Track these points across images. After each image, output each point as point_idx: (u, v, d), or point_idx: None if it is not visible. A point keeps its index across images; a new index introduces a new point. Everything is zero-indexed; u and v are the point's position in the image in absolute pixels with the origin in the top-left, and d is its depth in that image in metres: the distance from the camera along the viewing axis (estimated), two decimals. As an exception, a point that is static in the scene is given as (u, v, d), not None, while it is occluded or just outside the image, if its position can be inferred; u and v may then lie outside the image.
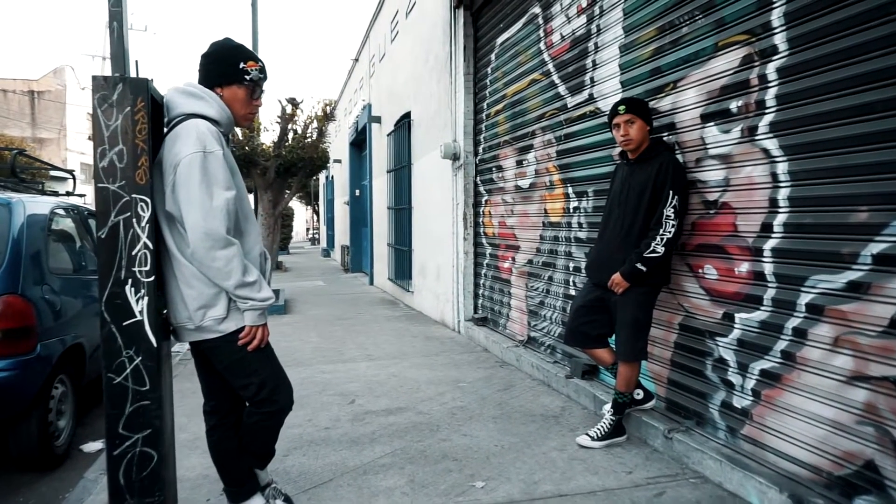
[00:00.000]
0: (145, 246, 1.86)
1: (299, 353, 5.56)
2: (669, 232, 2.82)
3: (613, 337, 3.15)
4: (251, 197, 12.43)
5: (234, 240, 1.95)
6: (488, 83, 5.73)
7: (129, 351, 1.86)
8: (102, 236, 1.84)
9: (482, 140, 5.98)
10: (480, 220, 6.11)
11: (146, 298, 1.87)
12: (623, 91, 3.56)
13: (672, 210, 2.82)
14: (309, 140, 8.69)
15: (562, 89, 4.32)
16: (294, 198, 29.50)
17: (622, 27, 3.56)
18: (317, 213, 31.79)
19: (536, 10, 4.67)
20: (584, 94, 4.02)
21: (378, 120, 10.89)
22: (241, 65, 2.07)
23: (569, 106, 4.23)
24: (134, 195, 1.86)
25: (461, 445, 3.20)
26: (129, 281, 1.85)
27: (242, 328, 2.04)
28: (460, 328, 6.35)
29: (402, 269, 9.06)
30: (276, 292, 9.07)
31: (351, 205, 14.68)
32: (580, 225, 4.15)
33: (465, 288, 6.27)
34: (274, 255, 14.90)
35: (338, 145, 16.89)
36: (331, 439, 3.32)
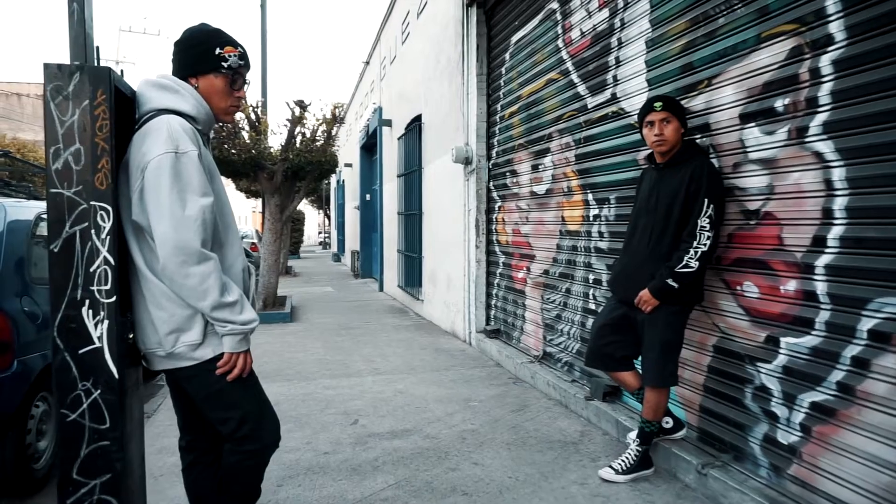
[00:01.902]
0: (106, 261, 1.60)
1: (303, 365, 5.31)
2: (704, 244, 2.53)
3: (640, 359, 2.86)
4: (259, 202, 12.25)
5: (210, 254, 1.69)
6: (502, 84, 5.45)
7: (85, 383, 1.60)
8: (55, 250, 1.58)
9: (496, 143, 5.70)
10: (493, 227, 5.83)
11: (106, 322, 1.61)
12: (650, 90, 3.27)
13: (707, 220, 2.53)
14: (318, 144, 8.45)
15: (581, 89, 4.04)
16: (306, 201, 29.38)
17: (649, 20, 3.28)
18: (328, 217, 31.63)
19: (554, 5, 4.39)
20: (607, 94, 3.73)
21: (389, 123, 10.65)
22: (218, 50, 1.81)
23: (589, 107, 3.95)
24: (93, 202, 1.60)
25: (472, 476, 2.92)
26: (87, 302, 1.60)
27: (221, 355, 1.78)
28: (471, 340, 6.06)
29: (412, 277, 8.79)
30: (284, 298, 8.87)
31: (361, 209, 14.46)
32: (601, 234, 3.86)
33: (476, 298, 5.99)
34: (283, 261, 14.72)
35: (349, 149, 16.71)
36: (330, 466, 3.05)
